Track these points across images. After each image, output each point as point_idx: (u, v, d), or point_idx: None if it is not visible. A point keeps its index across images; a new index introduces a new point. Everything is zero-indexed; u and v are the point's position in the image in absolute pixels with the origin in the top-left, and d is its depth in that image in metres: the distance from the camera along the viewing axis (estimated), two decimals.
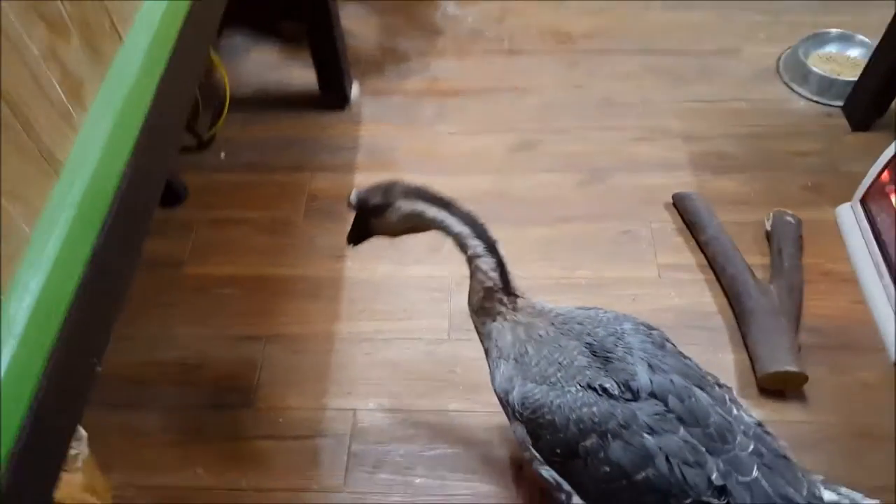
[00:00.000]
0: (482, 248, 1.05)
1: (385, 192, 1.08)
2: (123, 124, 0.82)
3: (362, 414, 1.52)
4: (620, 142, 1.98)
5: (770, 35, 2.22)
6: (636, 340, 1.01)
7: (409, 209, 1.06)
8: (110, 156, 0.79)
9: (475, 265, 1.06)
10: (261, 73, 2.28)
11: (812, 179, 1.84)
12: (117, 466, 1.45)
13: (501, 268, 1.05)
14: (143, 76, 0.86)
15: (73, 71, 0.76)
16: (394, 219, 1.08)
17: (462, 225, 1.05)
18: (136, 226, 0.86)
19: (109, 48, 0.83)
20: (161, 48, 0.91)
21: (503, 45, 2.29)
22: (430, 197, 1.07)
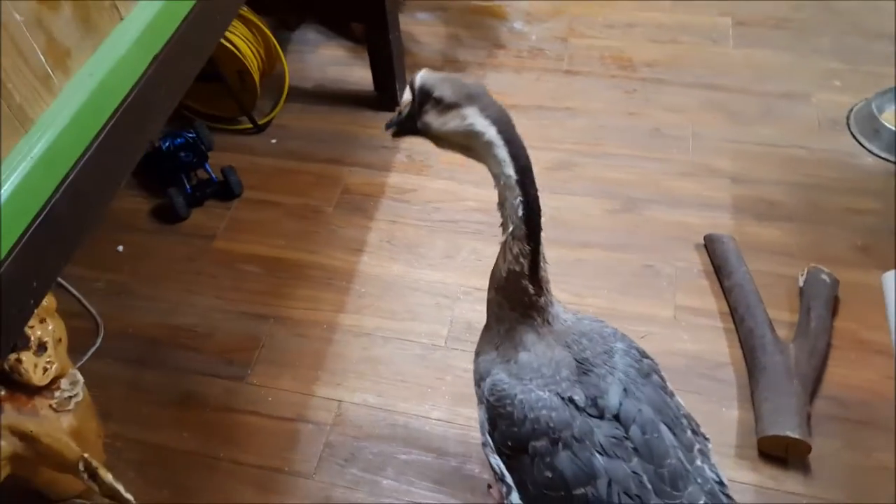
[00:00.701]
0: (523, 231, 0.90)
1: (458, 90, 0.88)
2: (104, 95, 0.85)
3: (346, 406, 1.53)
4: (662, 174, 1.91)
5: (845, 84, 2.09)
6: (622, 362, 0.98)
7: (475, 128, 0.87)
8: (83, 121, 0.82)
9: (508, 243, 0.93)
10: (324, 69, 2.34)
11: (863, 240, 1.72)
12: (115, 417, 1.54)
13: (534, 256, 0.92)
14: (135, 54, 0.89)
15: (60, 40, 0.80)
16: (451, 126, 0.88)
17: (519, 192, 0.88)
18: (98, 190, 0.89)
19: (106, 23, 0.87)
20: (160, 31, 0.94)
21: (562, 64, 2.26)
22: (506, 131, 0.87)
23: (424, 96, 0.90)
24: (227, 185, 1.94)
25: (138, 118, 0.93)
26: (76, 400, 1.30)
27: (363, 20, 2.01)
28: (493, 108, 0.87)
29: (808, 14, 2.33)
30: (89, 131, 0.85)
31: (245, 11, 2.01)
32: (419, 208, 1.90)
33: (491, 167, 0.90)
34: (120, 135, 0.90)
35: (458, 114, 0.88)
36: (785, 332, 1.53)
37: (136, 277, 1.80)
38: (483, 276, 1.71)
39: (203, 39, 1.08)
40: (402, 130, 0.94)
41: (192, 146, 1.94)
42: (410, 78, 0.91)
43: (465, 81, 0.90)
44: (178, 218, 1.91)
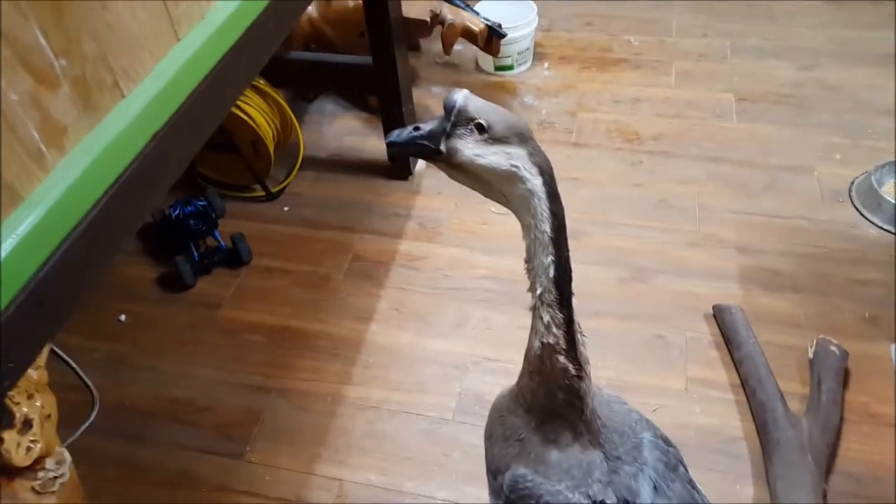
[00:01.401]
0: (553, 295, 0.81)
1: (509, 124, 0.80)
2: (98, 172, 0.86)
3: (348, 486, 1.50)
4: (670, 244, 1.93)
5: (846, 158, 2.13)
6: (651, 456, 0.92)
7: (520, 172, 0.78)
8: (74, 197, 0.83)
9: (538, 311, 0.84)
10: (340, 138, 2.40)
11: (871, 311, 1.72)
12: (105, 497, 1.50)
13: (569, 326, 0.83)
14: (134, 131, 0.90)
15: (56, 118, 0.82)
16: (489, 161, 0.79)
17: (552, 251, 0.80)
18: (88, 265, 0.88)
19: (107, 102, 0.88)
20: (161, 109, 0.95)
21: (571, 137, 2.32)
22: (550, 183, 0.79)
23: (464, 119, 0.80)
24: (236, 253, 1.96)
25: (134, 194, 0.93)
26: (61, 481, 1.25)
27: (377, 93, 2.07)
28: (541, 155, 0.80)
29: (809, 91, 2.39)
30: (81, 208, 0.85)
31: (261, 84, 2.08)
32: (429, 276, 1.91)
33: (523, 218, 0.81)
34: (113, 211, 0.90)
35: (503, 151, 0.79)
36: (796, 405, 1.52)
37: (136, 348, 1.80)
38: (493, 345, 1.73)
39: (208, 116, 1.09)
40: (412, 149, 0.83)
41: (202, 214, 1.97)
42: (450, 95, 0.81)
43: (512, 114, 0.83)
44: (184, 286, 1.92)
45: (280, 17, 1.28)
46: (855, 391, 1.56)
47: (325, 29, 2.27)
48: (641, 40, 2.68)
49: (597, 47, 2.67)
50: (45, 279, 0.80)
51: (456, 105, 0.81)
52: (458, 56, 2.68)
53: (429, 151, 0.82)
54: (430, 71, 2.63)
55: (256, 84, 2.08)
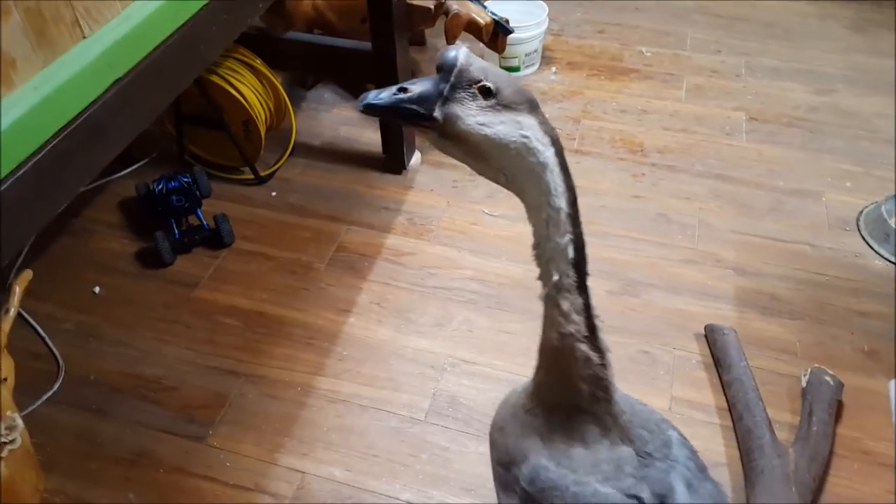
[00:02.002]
0: (573, 278, 0.73)
1: (518, 90, 0.72)
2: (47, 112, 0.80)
3: (310, 479, 1.43)
4: (666, 260, 1.86)
5: (856, 185, 2.06)
6: (681, 454, 0.86)
7: (531, 143, 0.69)
8: (17, 137, 0.77)
9: (553, 300, 0.75)
10: (335, 128, 2.34)
11: (870, 344, 1.64)
12: (60, 469, 1.45)
13: (588, 310, 0.75)
14: (94, 75, 0.85)
15: (4, 48, 0.76)
16: (497, 130, 0.70)
17: (569, 229, 0.72)
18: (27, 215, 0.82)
19: (65, 39, 0.83)
20: (126, 55, 0.89)
21: (573, 144, 2.25)
22: (561, 154, 0.72)
23: (466, 81, 0.70)
24: (217, 234, 1.90)
25: (88, 142, 0.87)
26: (11, 447, 1.21)
27: (376, 81, 2.02)
28: (548, 124, 0.72)
29: (822, 115, 2.33)
30: (25, 148, 0.79)
31: (258, 63, 2.02)
32: (414, 272, 1.85)
33: (531, 196, 0.72)
34: (63, 157, 0.84)
35: (512, 119, 0.70)
36: (785, 435, 1.44)
37: (108, 321, 1.74)
38: (473, 348, 1.66)
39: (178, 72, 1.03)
40: (396, 114, 0.72)
41: (187, 191, 1.90)
42: (446, 52, 0.71)
43: (517, 82, 0.73)
44: (162, 263, 1.86)
45: None
46: (848, 426, 1.48)
47: (328, 13, 2.22)
48: (654, 52, 2.62)
49: (607, 55, 2.61)
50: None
51: (457, 63, 0.70)
52: None
53: (418, 117, 0.71)
54: (433, 66, 2.56)
55: (252, 63, 2.02)
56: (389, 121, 0.75)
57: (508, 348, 1.65)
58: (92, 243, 1.94)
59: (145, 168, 2.16)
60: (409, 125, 0.74)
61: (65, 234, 1.97)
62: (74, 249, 1.93)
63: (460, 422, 1.52)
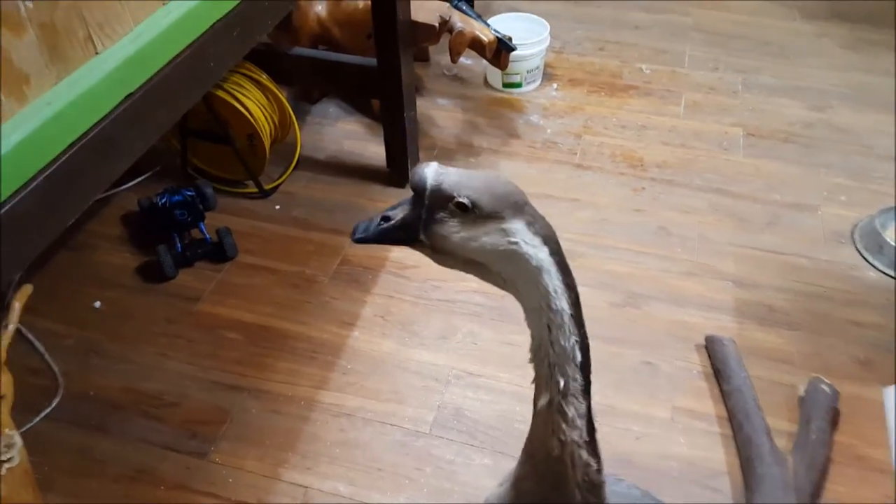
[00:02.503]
0: (580, 384, 0.70)
1: (496, 194, 0.68)
2: (59, 127, 0.81)
3: (313, 494, 1.44)
4: (666, 272, 1.89)
5: (851, 199, 2.09)
6: None
7: (521, 249, 0.67)
8: (30, 150, 0.79)
9: (555, 407, 0.70)
10: (339, 141, 2.37)
11: (865, 353, 1.67)
12: (57, 488, 1.45)
13: (590, 415, 0.71)
14: (105, 90, 0.86)
15: (17, 65, 0.78)
16: (483, 243, 0.67)
17: (574, 332, 0.68)
18: (38, 227, 0.84)
19: (78, 55, 0.84)
20: (138, 71, 0.91)
21: (574, 158, 2.29)
22: (558, 253, 0.69)
23: (441, 200, 0.68)
24: (220, 248, 1.91)
25: (99, 156, 0.89)
26: (9, 465, 1.20)
27: (379, 95, 2.05)
28: (541, 221, 0.68)
29: (818, 131, 2.36)
30: (37, 162, 0.80)
31: (263, 78, 2.05)
32: (418, 285, 1.87)
33: (529, 300, 0.69)
34: (74, 171, 0.85)
35: (496, 228, 0.67)
36: (783, 443, 1.46)
37: (108, 336, 1.74)
38: (477, 361, 1.68)
39: (186, 88, 1.05)
40: (387, 240, 0.72)
41: (189, 204, 1.92)
42: (416, 172, 0.69)
43: (497, 179, 0.70)
44: (164, 277, 1.87)
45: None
46: (844, 433, 1.50)
47: (334, 29, 2.26)
48: (653, 69, 2.66)
49: (607, 72, 2.65)
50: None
51: (427, 185, 0.68)
52: (467, 70, 2.66)
53: (405, 243, 0.72)
54: (437, 82, 2.62)
55: (258, 78, 2.05)
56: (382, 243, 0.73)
57: (513, 360, 1.67)
58: (93, 257, 1.96)
59: (148, 181, 2.18)
60: (400, 245, 0.73)
61: (65, 248, 1.98)
62: (75, 264, 1.94)
63: (465, 434, 1.54)
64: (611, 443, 1.51)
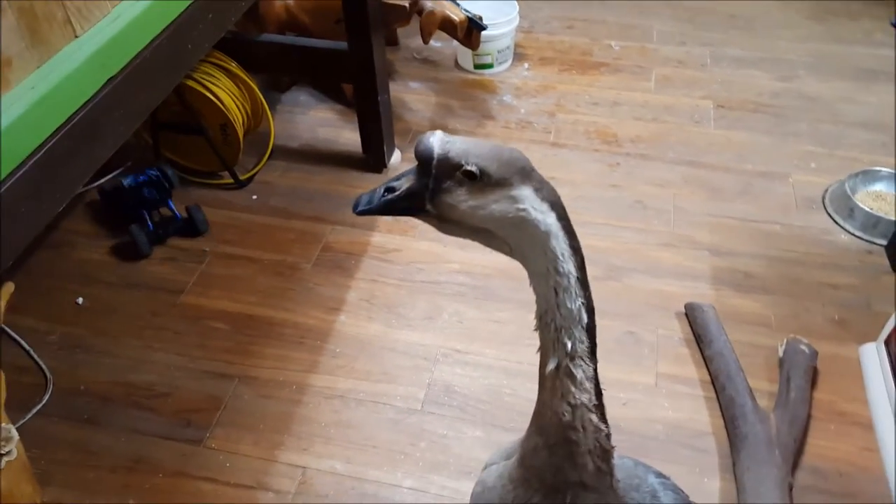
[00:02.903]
0: (587, 346, 0.70)
1: (504, 161, 0.67)
2: (45, 111, 0.81)
3: (311, 473, 1.45)
4: (644, 244, 1.92)
5: (821, 166, 2.14)
6: (668, 499, 0.87)
7: (530, 215, 0.67)
8: (17, 136, 0.79)
9: (563, 371, 0.70)
10: (313, 129, 2.37)
11: (840, 314, 1.72)
12: (56, 481, 1.44)
13: (597, 379, 0.72)
14: (87, 73, 0.86)
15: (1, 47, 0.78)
16: (492, 210, 0.67)
17: (580, 294, 0.69)
18: (29, 214, 0.84)
19: (58, 38, 0.84)
20: (118, 53, 0.91)
21: (549, 137, 2.30)
22: (564, 217, 0.69)
23: (448, 169, 0.67)
24: (191, 223, 1.94)
25: (85, 141, 0.89)
26: (7, 459, 1.21)
27: (352, 80, 2.04)
28: (547, 187, 0.68)
29: (786, 101, 2.41)
30: (24, 148, 0.80)
31: (233, 66, 2.04)
32: (401, 268, 1.88)
33: (535, 264, 0.69)
34: (61, 156, 0.85)
35: (505, 195, 0.66)
36: (765, 402, 1.50)
37: (93, 331, 1.73)
38: (464, 338, 1.70)
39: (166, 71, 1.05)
40: (392, 211, 0.71)
41: (156, 183, 1.93)
42: (421, 142, 0.68)
43: (502, 147, 0.69)
44: (140, 255, 1.89)
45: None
46: (823, 390, 1.55)
47: (301, 16, 2.24)
48: (622, 45, 2.69)
49: (577, 50, 2.67)
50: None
51: (434, 154, 0.67)
52: (437, 53, 2.67)
53: (411, 213, 0.71)
54: (407, 66, 2.61)
55: (228, 66, 2.03)
56: (387, 214, 0.71)
57: (498, 336, 1.70)
58: (72, 255, 1.94)
59: (122, 176, 2.15)
60: (406, 215, 0.72)
61: (44, 246, 1.96)
62: (55, 261, 1.92)
63: (456, 409, 1.56)
64: None
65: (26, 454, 1.31)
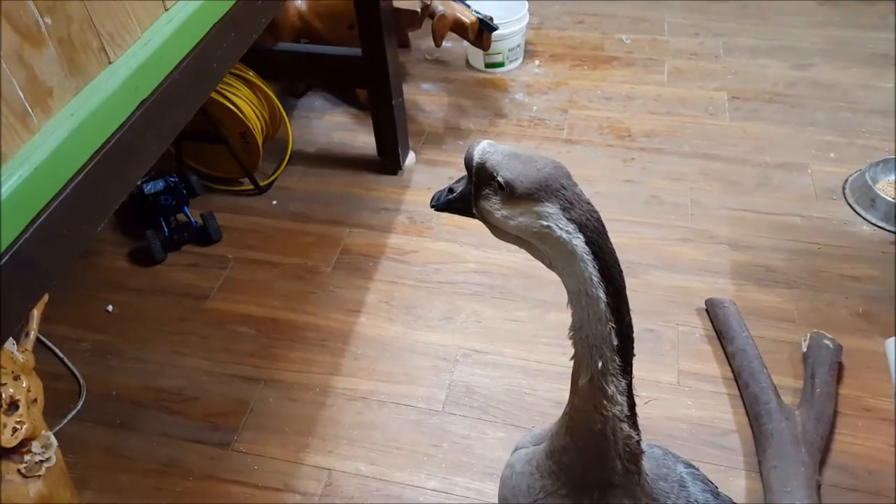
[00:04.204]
0: (617, 365, 0.71)
1: (533, 175, 0.68)
2: (84, 136, 0.84)
3: (337, 475, 1.47)
4: (662, 240, 1.91)
5: (840, 156, 2.12)
6: (697, 490, 0.88)
7: (555, 233, 0.68)
8: (60, 160, 0.81)
9: (596, 384, 0.72)
10: (329, 134, 2.38)
11: (864, 307, 1.70)
12: (92, 485, 1.48)
13: (630, 391, 0.74)
14: (121, 97, 0.89)
15: (41, 78, 0.81)
16: (519, 223, 0.69)
17: (611, 319, 0.69)
18: (72, 233, 0.87)
19: (93, 66, 0.87)
20: (148, 77, 0.94)
21: (562, 133, 2.30)
22: (596, 241, 0.68)
23: (485, 177, 0.70)
24: (205, 231, 1.97)
25: (121, 162, 0.92)
26: (48, 465, 1.24)
27: (366, 85, 2.05)
28: (579, 207, 0.68)
29: (802, 90, 2.39)
30: (66, 171, 0.84)
31: (250, 75, 2.06)
32: (419, 269, 1.89)
33: (567, 282, 0.70)
34: (99, 178, 0.88)
35: (530, 209, 0.68)
36: (790, 398, 1.50)
37: (123, 338, 1.77)
38: (483, 338, 1.71)
39: (194, 89, 1.08)
40: (453, 209, 0.77)
41: (174, 190, 1.96)
42: (468, 150, 0.72)
43: (539, 161, 0.70)
44: (153, 261, 1.94)
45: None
46: (849, 386, 1.54)
47: (315, 22, 2.25)
48: (633, 39, 2.68)
49: (588, 45, 2.66)
50: (27, 243, 0.78)
51: (473, 162, 0.71)
52: (448, 53, 2.67)
53: (465, 212, 0.75)
54: (419, 67, 2.62)
55: (245, 75, 2.05)
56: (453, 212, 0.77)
57: (517, 336, 1.70)
58: (101, 263, 1.97)
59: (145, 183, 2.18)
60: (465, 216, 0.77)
61: None
62: (84, 270, 1.96)
63: (477, 409, 1.57)
64: None
65: (64, 458, 1.34)
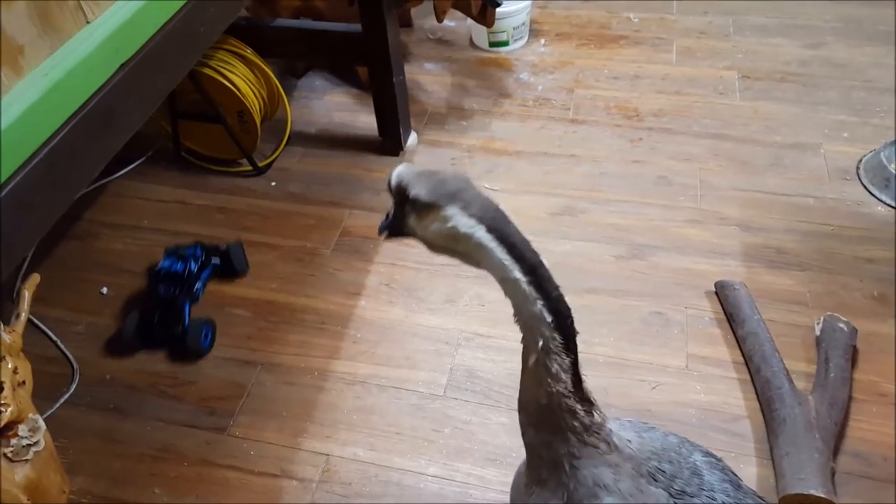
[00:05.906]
0: (558, 341, 0.73)
1: (434, 187, 0.74)
2: (59, 98, 0.80)
3: (335, 461, 1.43)
4: (670, 221, 1.86)
5: (854, 135, 2.06)
6: (714, 478, 0.86)
7: (460, 229, 0.72)
8: (31, 123, 0.77)
9: (540, 363, 0.75)
10: (329, 114, 2.33)
11: (879, 289, 1.65)
12: (84, 471, 1.45)
13: (575, 368, 0.75)
14: (100, 59, 0.85)
15: (10, 35, 0.76)
16: (434, 230, 0.74)
17: (537, 296, 0.72)
18: (46, 201, 0.83)
19: (69, 24, 0.83)
20: (130, 38, 0.89)
21: (568, 113, 2.25)
22: (497, 228, 0.72)
23: (403, 196, 0.75)
24: (230, 264, 1.77)
25: (100, 127, 0.87)
26: (36, 449, 1.20)
27: (367, 63, 2.00)
28: (477, 203, 0.72)
29: (814, 69, 2.33)
30: (39, 135, 0.79)
31: (248, 53, 2.00)
32: (420, 251, 1.80)
33: (493, 274, 0.74)
34: (76, 142, 0.84)
35: (437, 216, 0.73)
36: (803, 384, 1.45)
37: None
38: (485, 322, 1.66)
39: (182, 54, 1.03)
40: (394, 232, 0.80)
41: (180, 278, 1.67)
42: (388, 175, 0.78)
43: (445, 175, 0.76)
44: (121, 349, 1.65)
45: None
46: (864, 370, 1.49)
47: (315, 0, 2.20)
48: (641, 17, 2.61)
49: (595, 24, 2.60)
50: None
51: (392, 185, 0.77)
52: (452, 32, 2.61)
53: (402, 234, 0.80)
54: (422, 47, 2.56)
55: (243, 53, 2.00)
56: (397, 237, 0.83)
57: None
58: (95, 245, 1.93)
59: (143, 167, 2.15)
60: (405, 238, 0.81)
61: (67, 237, 1.96)
62: (78, 252, 1.92)
63: (479, 394, 1.53)
64: (627, 394, 1.50)
65: (55, 443, 1.31)
